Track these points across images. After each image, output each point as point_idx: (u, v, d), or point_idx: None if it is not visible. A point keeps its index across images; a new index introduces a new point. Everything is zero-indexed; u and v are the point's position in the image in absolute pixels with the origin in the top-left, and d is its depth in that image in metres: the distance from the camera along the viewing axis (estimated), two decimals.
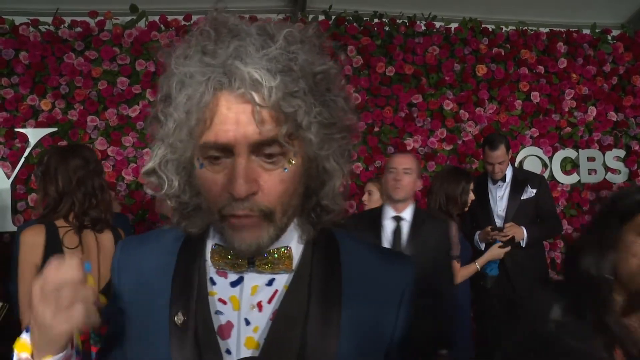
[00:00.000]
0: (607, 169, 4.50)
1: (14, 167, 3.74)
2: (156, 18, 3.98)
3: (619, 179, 4.50)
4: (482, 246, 3.42)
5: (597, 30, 4.58)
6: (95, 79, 3.86)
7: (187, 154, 0.74)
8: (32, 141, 3.76)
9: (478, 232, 3.51)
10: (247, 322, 0.79)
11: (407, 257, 0.94)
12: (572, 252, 1.27)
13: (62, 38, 3.85)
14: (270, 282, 0.81)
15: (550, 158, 4.44)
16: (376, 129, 4.17)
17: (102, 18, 3.91)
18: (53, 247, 2.10)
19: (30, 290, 2.08)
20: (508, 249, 3.30)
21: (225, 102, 0.70)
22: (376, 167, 4.12)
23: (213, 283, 0.82)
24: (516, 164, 4.35)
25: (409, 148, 4.19)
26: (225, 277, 0.82)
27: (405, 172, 2.77)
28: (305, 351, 0.77)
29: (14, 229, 3.64)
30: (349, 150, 0.82)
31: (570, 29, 4.53)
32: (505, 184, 3.58)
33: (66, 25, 3.89)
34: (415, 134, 4.22)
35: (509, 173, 3.58)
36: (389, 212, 2.78)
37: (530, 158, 4.41)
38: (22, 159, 3.75)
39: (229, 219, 0.73)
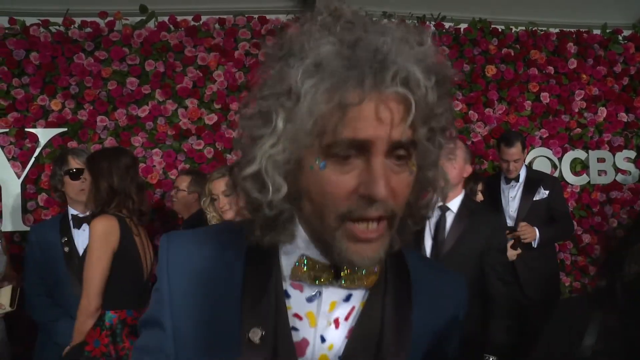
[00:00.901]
0: (617, 170, 4.47)
1: (24, 167, 3.75)
2: (165, 18, 3.99)
3: (629, 181, 4.47)
4: None
5: (607, 31, 4.55)
6: (105, 79, 3.87)
7: (301, 152, 0.66)
8: (42, 141, 3.78)
9: None
10: (323, 340, 0.75)
11: (461, 277, 0.91)
12: (613, 259, 1.15)
13: (72, 38, 3.87)
14: (347, 298, 0.76)
15: (560, 159, 4.42)
16: None
17: (112, 19, 3.91)
18: (127, 236, 2.36)
19: (105, 276, 2.12)
20: (519, 251, 3.27)
21: (371, 101, 0.62)
22: None
23: (287, 296, 0.75)
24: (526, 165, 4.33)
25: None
26: (301, 291, 0.76)
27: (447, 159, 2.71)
28: None
29: (25, 228, 3.67)
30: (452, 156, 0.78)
31: (581, 29, 4.51)
32: (519, 184, 3.56)
33: (76, 25, 3.90)
34: None
35: (522, 173, 3.57)
36: None
37: (540, 159, 4.39)
38: (32, 159, 3.76)
39: (352, 227, 0.66)
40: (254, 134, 0.69)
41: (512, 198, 3.57)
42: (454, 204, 2.60)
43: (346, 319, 0.76)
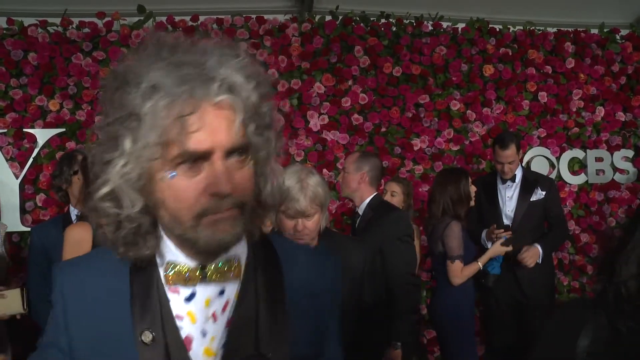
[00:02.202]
0: (615, 169, 4.47)
1: (22, 168, 3.76)
2: (163, 19, 3.99)
3: (627, 180, 4.48)
4: (489, 245, 3.41)
5: (605, 30, 4.55)
6: (103, 79, 3.86)
7: (151, 167, 0.75)
8: (41, 141, 3.78)
9: (485, 231, 3.50)
10: (204, 334, 0.83)
11: (333, 256, 1.04)
12: (607, 263, 1.12)
13: (70, 39, 3.87)
14: (221, 292, 0.84)
15: (558, 158, 4.42)
16: (383, 130, 4.17)
17: (110, 19, 3.92)
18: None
19: None
20: (509, 248, 3.29)
21: (204, 109, 0.72)
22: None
23: (168, 300, 0.84)
24: (523, 165, 4.33)
25: (415, 148, 4.18)
26: (178, 294, 0.83)
27: (345, 171, 2.90)
28: (258, 355, 0.82)
29: (23, 228, 3.67)
30: (281, 150, 0.88)
31: (578, 29, 4.51)
32: (515, 184, 3.56)
33: (74, 26, 3.91)
34: (422, 135, 4.21)
35: (518, 173, 3.57)
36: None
37: (538, 158, 4.39)
38: (31, 159, 3.76)
39: (209, 218, 0.75)
40: (104, 159, 0.77)
41: (509, 198, 3.58)
42: (362, 207, 2.84)
43: (222, 311, 0.84)
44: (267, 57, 4.01)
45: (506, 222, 3.51)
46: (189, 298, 0.83)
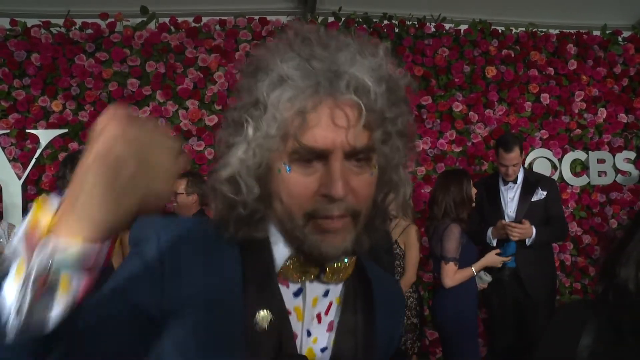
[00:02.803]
0: (617, 171, 4.47)
1: (25, 168, 3.76)
2: (166, 20, 4.00)
3: (629, 181, 4.48)
4: (494, 242, 3.42)
5: (607, 32, 4.56)
6: (106, 80, 3.88)
7: (270, 157, 0.73)
8: (43, 142, 3.79)
9: (491, 228, 3.49)
10: (309, 334, 0.80)
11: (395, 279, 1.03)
12: (606, 266, 1.15)
13: (73, 40, 3.88)
14: (325, 294, 0.82)
15: (560, 160, 4.42)
16: None
17: (113, 20, 3.93)
18: None
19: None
20: (507, 259, 3.29)
21: (328, 107, 0.70)
22: None
23: None
24: (526, 166, 4.32)
25: (418, 150, 4.18)
26: (287, 287, 0.79)
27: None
28: None
29: None
30: (409, 161, 0.83)
31: (581, 31, 4.52)
32: (517, 185, 3.57)
33: (77, 27, 3.91)
34: (425, 136, 4.21)
35: (520, 174, 3.57)
36: None
37: (540, 160, 4.39)
38: (33, 160, 3.77)
39: (318, 222, 0.72)
40: (229, 142, 0.76)
41: (510, 199, 3.59)
42: None
43: (326, 313, 0.82)
44: None
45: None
46: (297, 293, 0.80)
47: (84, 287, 0.53)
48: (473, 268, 3.17)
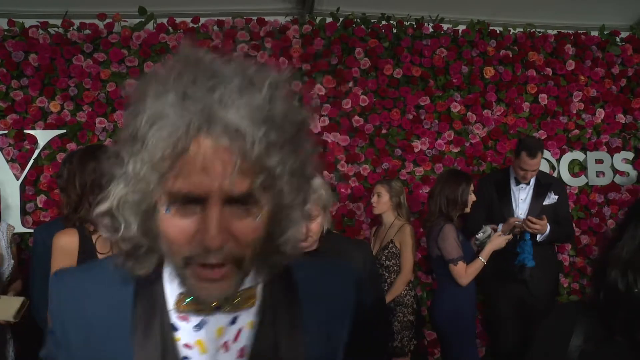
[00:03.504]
0: (616, 171, 4.48)
1: (23, 169, 3.76)
2: (164, 20, 4.00)
3: (627, 182, 4.48)
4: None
5: (605, 32, 4.56)
6: (104, 80, 3.88)
7: (152, 197, 0.70)
8: (41, 143, 3.78)
9: (501, 225, 3.47)
10: None
11: (349, 264, 0.98)
12: (598, 266, 1.18)
13: (71, 40, 3.87)
14: (233, 321, 0.80)
15: (558, 160, 4.43)
16: (383, 131, 4.17)
17: (111, 20, 3.92)
18: (87, 252, 2.13)
19: None
20: (510, 236, 3.30)
21: (202, 150, 0.65)
22: (383, 170, 4.12)
23: (175, 329, 0.79)
24: None
25: (416, 150, 4.18)
26: (187, 321, 0.78)
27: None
28: None
29: (24, 230, 3.67)
30: (309, 196, 0.80)
31: (579, 31, 4.52)
32: (529, 187, 3.57)
33: (75, 27, 3.91)
34: (423, 136, 4.21)
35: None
36: None
37: None
38: (31, 161, 3.76)
39: (195, 268, 0.69)
40: (110, 173, 0.73)
41: (522, 200, 3.59)
42: None
43: (235, 340, 0.79)
44: (268, 59, 4.01)
45: (518, 224, 3.50)
46: (199, 326, 0.78)
47: None
48: (481, 258, 3.18)
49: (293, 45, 4.10)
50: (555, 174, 4.39)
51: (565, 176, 4.42)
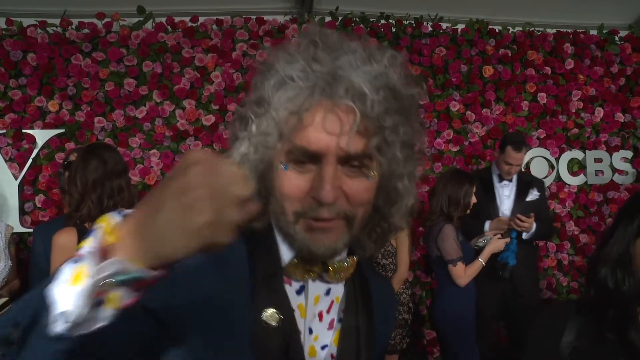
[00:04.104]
0: (615, 170, 4.48)
1: (21, 168, 3.75)
2: (163, 19, 3.99)
3: (626, 181, 4.48)
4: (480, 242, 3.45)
5: (604, 31, 4.56)
6: (103, 80, 3.87)
7: (271, 154, 0.74)
8: (40, 142, 3.77)
9: (488, 222, 3.49)
10: (310, 331, 0.81)
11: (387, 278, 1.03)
12: (591, 264, 1.21)
13: (70, 39, 3.86)
14: (327, 292, 0.83)
15: (557, 159, 4.43)
16: None
17: (110, 20, 3.91)
18: None
19: None
20: (508, 240, 3.32)
21: (324, 110, 0.71)
22: None
23: None
24: (523, 165, 4.34)
25: (423, 162, 4.17)
26: (290, 285, 0.81)
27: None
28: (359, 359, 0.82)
29: (22, 229, 3.67)
30: (417, 173, 0.83)
31: (578, 30, 4.52)
32: (512, 184, 3.60)
33: (74, 26, 3.90)
34: None
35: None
36: None
37: (537, 159, 4.40)
38: (30, 160, 3.75)
39: (307, 221, 0.73)
40: (235, 135, 0.79)
41: (506, 197, 3.61)
42: None
43: (328, 311, 0.83)
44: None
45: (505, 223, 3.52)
46: (299, 291, 0.81)
47: (129, 304, 0.54)
48: (480, 259, 3.18)
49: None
50: (554, 173, 4.40)
51: (565, 175, 4.42)
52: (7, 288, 2.84)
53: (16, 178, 3.73)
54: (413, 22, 4.30)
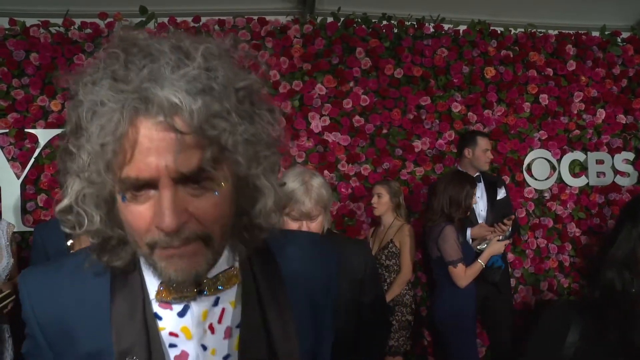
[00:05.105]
0: (616, 171, 4.48)
1: (23, 168, 3.76)
2: (165, 19, 4.00)
3: (628, 182, 4.48)
4: (471, 241, 3.50)
5: (606, 33, 4.56)
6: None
7: (107, 187, 0.68)
8: (42, 142, 3.78)
9: (470, 229, 3.52)
10: (204, 348, 0.78)
11: (331, 246, 0.95)
12: (594, 266, 1.21)
13: (72, 39, 3.87)
14: (216, 302, 0.79)
15: (559, 160, 4.42)
16: (384, 131, 4.17)
17: (112, 20, 3.92)
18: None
19: None
20: (508, 241, 3.35)
21: (143, 131, 0.63)
22: (384, 169, 4.12)
23: (159, 318, 0.78)
24: (524, 167, 4.35)
25: (417, 150, 4.18)
26: (171, 309, 0.78)
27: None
28: (276, 356, 0.78)
29: (24, 228, 3.68)
30: (277, 164, 0.77)
31: (579, 31, 4.52)
32: (480, 184, 3.66)
33: (76, 26, 3.91)
34: (424, 136, 4.21)
35: (479, 174, 3.72)
36: None
37: (539, 160, 4.40)
38: (32, 160, 3.76)
39: (161, 251, 0.68)
40: (66, 169, 0.71)
41: (479, 197, 3.65)
42: None
43: (219, 321, 0.79)
44: (269, 59, 4.01)
45: (480, 220, 3.63)
46: (182, 313, 0.77)
47: None
48: (480, 261, 3.19)
49: (294, 44, 4.10)
50: (555, 174, 4.40)
51: (566, 176, 4.42)
52: (12, 283, 2.84)
53: (18, 177, 3.74)
54: (415, 23, 4.30)
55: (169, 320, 0.77)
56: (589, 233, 4.41)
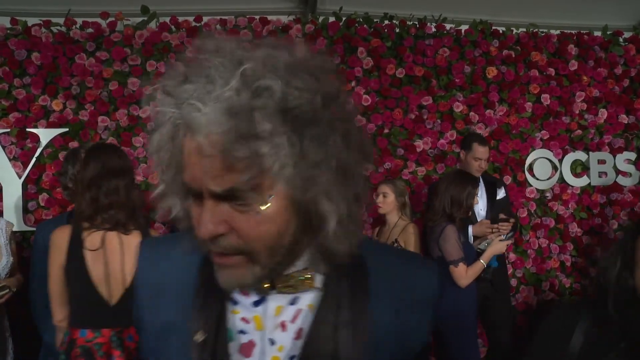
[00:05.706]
0: (618, 171, 4.47)
1: (25, 167, 3.76)
2: (167, 19, 4.00)
3: (629, 182, 4.48)
4: (472, 239, 3.49)
5: (608, 32, 4.56)
6: (106, 79, 3.88)
7: (177, 184, 0.73)
8: (44, 141, 3.78)
9: (471, 227, 3.50)
10: (272, 342, 0.78)
11: (433, 263, 0.91)
12: (601, 266, 1.21)
13: (74, 39, 3.87)
14: (293, 301, 0.79)
15: (561, 160, 4.42)
16: (386, 131, 4.17)
17: (114, 19, 3.92)
18: (75, 248, 2.18)
19: (59, 289, 2.07)
20: (510, 242, 3.35)
21: (187, 146, 0.66)
22: (385, 169, 4.12)
23: (235, 302, 0.80)
24: (526, 167, 4.35)
25: (418, 150, 4.18)
26: (248, 297, 0.80)
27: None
28: None
29: (26, 228, 3.68)
30: (356, 189, 0.73)
31: (581, 31, 4.51)
32: (480, 184, 3.65)
33: (78, 26, 3.91)
34: (425, 136, 4.21)
35: (479, 174, 3.70)
36: None
37: (541, 160, 4.39)
38: (34, 159, 3.76)
39: (211, 253, 0.72)
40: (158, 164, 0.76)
41: (479, 196, 3.64)
42: None
43: (292, 321, 0.79)
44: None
45: (479, 220, 3.60)
46: (258, 303, 0.79)
47: None
48: (482, 260, 3.18)
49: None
50: (557, 174, 4.40)
51: (568, 176, 4.42)
52: (14, 280, 2.83)
53: (20, 177, 3.74)
54: (417, 22, 4.30)
55: (244, 306, 0.80)
56: (590, 233, 4.41)
